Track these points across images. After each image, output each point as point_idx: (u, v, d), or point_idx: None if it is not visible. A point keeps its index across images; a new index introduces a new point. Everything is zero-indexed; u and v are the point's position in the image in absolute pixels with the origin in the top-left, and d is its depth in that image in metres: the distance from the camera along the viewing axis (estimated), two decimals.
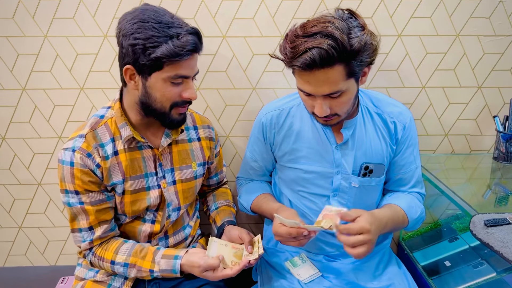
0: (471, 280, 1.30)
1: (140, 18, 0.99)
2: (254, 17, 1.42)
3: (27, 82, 1.48)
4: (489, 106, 1.55)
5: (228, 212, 1.35)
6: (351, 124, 1.17)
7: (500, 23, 1.44)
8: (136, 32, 0.97)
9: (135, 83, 1.04)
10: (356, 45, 0.95)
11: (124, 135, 1.11)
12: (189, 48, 1.00)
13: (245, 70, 1.48)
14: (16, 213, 1.66)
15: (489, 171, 1.52)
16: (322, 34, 0.94)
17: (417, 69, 1.49)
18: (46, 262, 1.74)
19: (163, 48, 0.97)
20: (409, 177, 1.26)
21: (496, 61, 1.49)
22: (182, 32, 0.99)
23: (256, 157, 1.34)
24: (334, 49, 0.93)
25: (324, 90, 1.01)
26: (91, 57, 1.45)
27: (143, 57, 0.98)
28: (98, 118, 1.13)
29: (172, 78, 1.02)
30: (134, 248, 1.14)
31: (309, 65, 0.96)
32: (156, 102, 1.06)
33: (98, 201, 1.12)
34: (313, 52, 0.94)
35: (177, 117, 1.11)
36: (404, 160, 1.24)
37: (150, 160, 1.17)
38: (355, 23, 0.99)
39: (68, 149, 1.08)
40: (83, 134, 1.10)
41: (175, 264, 1.10)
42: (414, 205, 1.22)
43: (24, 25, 1.42)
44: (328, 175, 1.22)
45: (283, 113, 1.25)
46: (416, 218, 1.21)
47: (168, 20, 1.00)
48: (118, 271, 1.13)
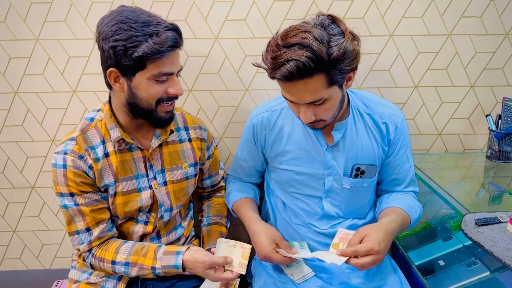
0: (465, 279, 1.30)
1: (118, 20, 0.99)
2: (245, 18, 1.42)
3: (19, 85, 1.48)
4: (482, 105, 1.55)
5: (218, 234, 1.34)
6: (341, 126, 1.17)
7: (492, 22, 1.44)
8: (116, 34, 0.98)
9: (120, 85, 1.05)
10: (335, 54, 0.95)
11: (113, 136, 1.11)
12: (170, 44, 1.00)
13: (238, 72, 1.48)
14: (10, 217, 1.65)
15: (482, 170, 1.52)
16: (301, 45, 0.94)
17: (409, 69, 1.50)
18: (40, 265, 1.73)
19: (144, 46, 0.97)
20: (403, 176, 1.27)
21: (488, 60, 1.49)
22: (161, 29, 0.99)
23: (246, 157, 1.34)
24: (311, 61, 0.93)
25: (306, 99, 1.01)
26: (83, 60, 1.45)
27: (125, 58, 0.99)
28: (88, 121, 1.14)
29: (156, 76, 1.03)
30: (135, 247, 1.14)
31: (288, 77, 0.96)
32: (142, 102, 1.06)
33: (93, 201, 1.12)
34: (290, 65, 0.94)
35: (164, 115, 1.11)
36: (398, 160, 1.24)
37: (140, 161, 1.17)
38: (336, 30, 0.98)
39: (60, 153, 1.09)
40: (74, 137, 1.11)
41: (177, 259, 1.10)
42: (414, 205, 1.23)
43: (15, 28, 1.42)
44: (320, 176, 1.22)
45: (274, 115, 1.25)
46: (416, 217, 1.23)
47: (146, 18, 1.00)
48: (119, 271, 1.13)
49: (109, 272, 1.15)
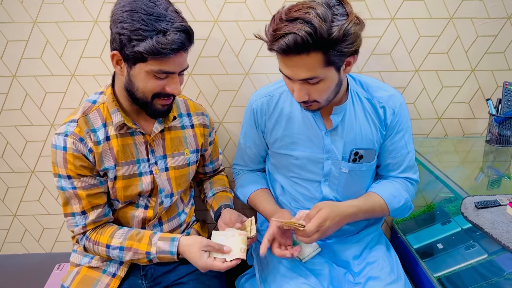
0: (463, 262, 1.32)
1: (131, 7, 0.96)
2: (246, 1, 1.40)
3: (17, 69, 1.46)
4: (482, 89, 1.55)
5: (225, 197, 1.36)
6: (340, 110, 1.17)
7: (494, 5, 1.43)
8: (124, 22, 0.96)
9: (121, 69, 1.04)
10: (335, 34, 0.94)
11: (115, 121, 1.11)
12: (174, 47, 0.97)
13: (238, 55, 1.47)
14: (10, 201, 1.66)
15: (482, 154, 1.53)
16: (302, 20, 0.94)
17: (410, 52, 1.49)
18: (41, 249, 1.74)
19: (146, 43, 0.95)
20: (399, 162, 1.25)
21: (490, 44, 1.48)
22: (170, 29, 0.96)
23: (250, 143, 1.34)
24: (310, 36, 0.93)
25: (301, 75, 1.01)
26: (82, 43, 1.44)
27: (128, 48, 0.97)
28: (90, 103, 1.13)
29: (156, 72, 1.00)
30: (130, 232, 1.14)
31: (285, 50, 0.96)
32: (138, 92, 1.05)
33: (90, 185, 1.12)
34: (289, 38, 0.94)
35: (160, 107, 1.09)
36: (394, 145, 1.24)
37: (142, 146, 1.17)
38: (341, 11, 0.97)
39: (60, 134, 1.08)
40: (75, 119, 1.10)
41: (172, 245, 1.11)
42: (398, 194, 1.22)
43: (12, 10, 1.40)
44: (319, 160, 1.22)
45: (274, 99, 1.25)
46: (399, 207, 1.22)
47: (160, 12, 0.97)
48: (113, 255, 1.14)
49: (103, 256, 1.16)
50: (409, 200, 1.24)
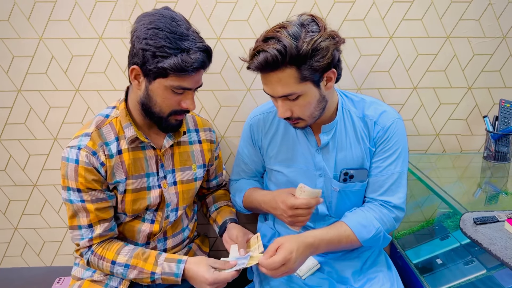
0: (462, 277, 1.32)
1: (155, 25, 1.00)
2: (248, 19, 1.44)
3: (22, 83, 1.49)
4: (479, 106, 1.57)
5: (229, 211, 1.37)
6: (329, 128, 1.18)
7: (490, 25, 1.47)
8: (149, 38, 0.99)
9: (138, 83, 1.06)
10: (304, 49, 0.97)
11: (128, 135, 1.13)
12: (196, 66, 1.01)
13: (239, 72, 1.50)
14: (11, 214, 1.66)
15: (479, 170, 1.55)
16: (275, 40, 0.99)
17: (408, 70, 1.52)
18: (42, 263, 1.74)
19: (171, 60, 0.99)
20: (379, 182, 1.19)
21: (486, 62, 1.52)
22: (193, 48, 1.01)
23: (246, 160, 1.36)
24: (280, 53, 0.97)
25: (279, 91, 1.04)
26: (87, 59, 1.46)
27: (151, 63, 1.00)
28: (103, 117, 1.15)
29: (175, 87, 1.04)
30: (136, 250, 1.15)
31: (258, 68, 1.01)
32: (155, 106, 1.08)
33: (99, 199, 1.12)
34: (261, 56, 0.99)
35: (174, 122, 1.13)
36: (377, 163, 1.19)
37: (152, 160, 1.19)
38: (314, 28, 1.01)
39: (73, 147, 1.09)
40: (89, 132, 1.11)
41: (178, 267, 1.11)
42: (368, 224, 1.15)
43: (19, 27, 1.42)
44: (313, 177, 1.23)
45: (270, 116, 1.28)
46: (369, 238, 1.14)
47: (183, 32, 1.01)
48: (117, 271, 1.13)
49: (106, 271, 1.16)
50: (381, 231, 1.16)
